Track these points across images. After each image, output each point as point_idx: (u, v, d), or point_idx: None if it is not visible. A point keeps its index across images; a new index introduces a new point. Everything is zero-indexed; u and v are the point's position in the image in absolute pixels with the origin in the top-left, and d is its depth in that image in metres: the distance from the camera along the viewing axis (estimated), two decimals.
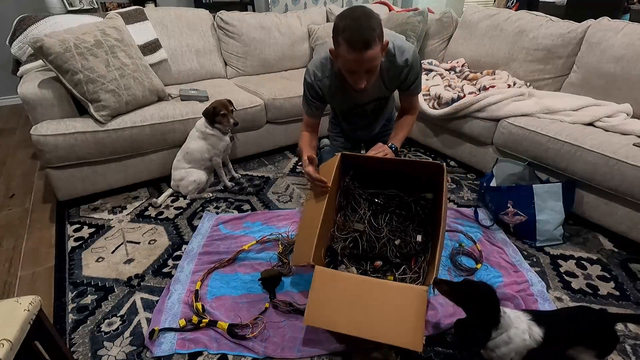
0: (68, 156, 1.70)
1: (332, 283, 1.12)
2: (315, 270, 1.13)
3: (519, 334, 0.94)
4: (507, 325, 0.96)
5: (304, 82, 1.48)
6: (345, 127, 1.79)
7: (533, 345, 0.93)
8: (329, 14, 2.94)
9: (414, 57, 1.42)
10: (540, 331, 0.93)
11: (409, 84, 1.48)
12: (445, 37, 2.75)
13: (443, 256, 1.50)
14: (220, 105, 1.83)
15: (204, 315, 1.22)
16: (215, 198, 1.94)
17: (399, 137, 1.59)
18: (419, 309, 1.02)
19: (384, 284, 1.12)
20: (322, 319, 1.08)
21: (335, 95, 1.49)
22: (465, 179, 2.14)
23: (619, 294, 1.36)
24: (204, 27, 2.48)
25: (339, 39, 1.20)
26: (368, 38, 1.16)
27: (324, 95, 1.48)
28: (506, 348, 0.95)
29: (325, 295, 1.10)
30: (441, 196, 1.34)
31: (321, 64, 1.43)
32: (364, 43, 1.16)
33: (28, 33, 1.93)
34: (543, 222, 1.57)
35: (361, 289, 1.09)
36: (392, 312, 1.04)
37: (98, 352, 1.13)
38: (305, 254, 1.19)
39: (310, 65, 1.46)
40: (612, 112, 1.73)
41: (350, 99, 1.52)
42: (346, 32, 1.17)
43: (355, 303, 1.07)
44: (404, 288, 1.10)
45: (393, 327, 1.02)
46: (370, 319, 1.04)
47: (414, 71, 1.45)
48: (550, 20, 2.18)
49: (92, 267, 1.47)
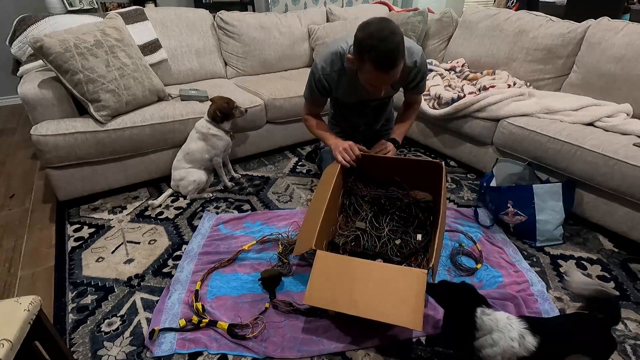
0: (68, 156, 1.70)
1: (333, 265, 1.13)
2: (317, 254, 1.14)
3: (505, 339, 0.94)
4: (489, 327, 0.96)
5: (311, 74, 1.49)
6: (345, 125, 1.79)
7: (524, 353, 0.92)
8: (329, 14, 2.94)
9: (422, 58, 1.44)
10: (534, 341, 0.92)
11: (416, 84, 1.51)
12: (445, 37, 2.75)
13: (443, 256, 1.50)
14: (230, 100, 1.88)
15: (204, 315, 1.22)
16: (215, 198, 1.94)
17: (401, 131, 1.62)
18: (419, 290, 1.03)
19: (384, 266, 1.14)
20: (322, 299, 1.09)
21: (342, 90, 1.50)
22: (465, 179, 2.14)
23: (619, 294, 1.36)
24: (204, 27, 2.48)
25: (365, 57, 1.19)
26: (396, 58, 1.17)
27: (331, 87, 1.48)
28: (491, 350, 0.95)
29: (326, 277, 1.11)
30: (440, 196, 1.35)
31: (331, 60, 1.43)
32: (391, 64, 1.17)
33: (28, 33, 1.92)
34: (543, 222, 1.57)
35: (362, 271, 1.11)
36: (392, 293, 1.05)
37: (98, 352, 1.13)
38: (308, 241, 1.21)
39: (319, 59, 1.45)
40: (612, 112, 1.73)
41: (356, 95, 1.53)
42: (373, 53, 1.16)
43: (356, 284, 1.08)
44: (404, 270, 1.12)
45: (393, 308, 1.03)
46: (371, 299, 1.05)
47: (422, 72, 1.48)
48: (550, 20, 2.18)
49: (92, 267, 1.47)
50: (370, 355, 1.13)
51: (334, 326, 1.20)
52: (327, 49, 1.46)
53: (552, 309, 1.27)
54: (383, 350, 1.14)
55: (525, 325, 0.96)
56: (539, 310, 1.27)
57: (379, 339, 1.16)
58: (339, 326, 1.20)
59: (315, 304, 1.11)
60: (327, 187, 1.40)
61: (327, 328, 1.19)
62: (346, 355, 1.13)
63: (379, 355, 1.12)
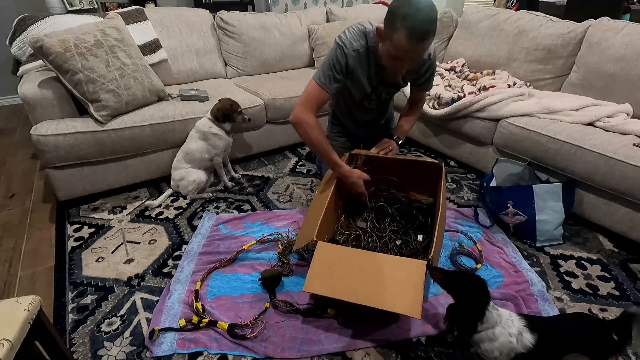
0: (68, 156, 1.70)
1: (333, 255, 1.14)
2: (318, 245, 1.15)
3: (505, 335, 0.95)
4: (494, 322, 0.96)
5: (334, 52, 1.38)
6: (347, 123, 1.79)
7: (521, 350, 0.93)
8: (329, 14, 2.94)
9: (435, 54, 1.46)
10: (531, 338, 0.93)
11: (426, 79, 1.51)
12: (445, 37, 2.75)
13: (443, 256, 1.50)
14: (235, 103, 1.88)
15: (204, 315, 1.22)
16: (215, 198, 1.94)
17: (404, 129, 1.63)
18: (418, 280, 1.04)
19: (384, 257, 1.14)
20: (322, 287, 1.09)
21: (362, 71, 1.44)
22: (465, 179, 2.14)
23: (619, 294, 1.36)
24: (204, 27, 2.48)
25: (398, 25, 1.15)
26: (429, 30, 1.14)
27: (352, 68, 1.41)
28: (489, 345, 0.96)
29: (326, 266, 1.11)
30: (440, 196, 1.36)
31: (357, 36, 1.37)
32: (424, 35, 1.14)
33: (28, 33, 1.92)
34: (543, 222, 1.57)
35: (362, 261, 1.11)
36: (391, 282, 1.05)
37: (98, 352, 1.13)
38: (309, 234, 1.21)
39: (343, 36, 1.39)
40: (612, 112, 1.73)
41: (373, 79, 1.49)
42: (407, 20, 1.13)
43: (356, 273, 1.09)
44: (403, 261, 1.12)
45: (392, 296, 1.03)
46: (370, 288, 1.06)
47: (433, 67, 1.49)
48: (550, 20, 2.18)
49: (92, 267, 1.47)
50: (371, 355, 1.12)
51: (334, 326, 1.20)
52: (351, 27, 1.40)
53: (552, 309, 1.27)
54: (383, 350, 1.14)
55: (525, 323, 0.97)
56: (539, 310, 1.27)
57: (379, 339, 1.16)
58: (339, 326, 1.20)
59: (314, 292, 1.10)
60: (329, 186, 1.40)
61: (327, 328, 1.19)
62: (346, 355, 1.13)
63: (379, 355, 1.12)
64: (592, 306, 1.29)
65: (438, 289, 1.33)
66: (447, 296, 1.29)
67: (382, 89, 1.55)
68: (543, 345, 0.94)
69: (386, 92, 1.59)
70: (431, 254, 1.11)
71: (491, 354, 0.96)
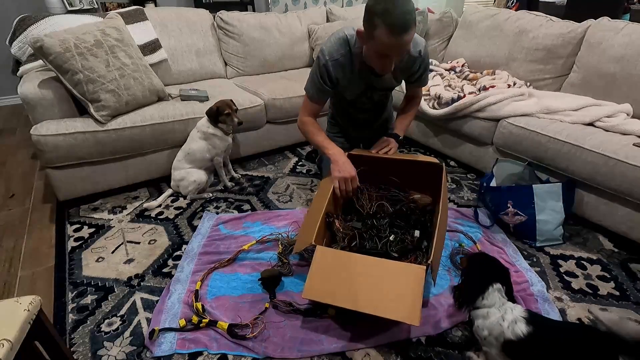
0: (68, 156, 1.70)
1: (332, 260, 1.14)
2: (317, 249, 1.15)
3: (498, 317, 0.98)
4: (493, 302, 1.00)
5: (316, 63, 1.43)
6: (345, 123, 1.79)
7: (510, 336, 0.95)
8: (329, 14, 2.94)
9: (426, 50, 1.45)
10: (525, 329, 0.94)
11: (419, 75, 1.51)
12: (445, 37, 2.75)
13: (443, 256, 1.50)
14: (224, 104, 1.84)
15: (204, 315, 1.22)
16: (215, 198, 1.94)
17: (402, 126, 1.63)
18: (417, 286, 1.04)
19: (383, 262, 1.14)
20: (321, 293, 1.09)
21: (347, 79, 1.46)
22: (465, 179, 2.14)
23: (619, 294, 1.36)
24: (204, 27, 2.48)
25: (376, 21, 1.16)
26: (408, 21, 1.14)
27: (336, 78, 1.44)
28: (482, 322, 1.00)
29: (325, 272, 1.11)
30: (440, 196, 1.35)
31: (337, 45, 1.39)
32: (404, 27, 1.14)
33: (28, 33, 1.92)
34: (543, 222, 1.57)
35: (361, 266, 1.11)
36: (390, 288, 1.06)
37: (98, 352, 1.13)
38: (307, 237, 1.21)
39: (324, 46, 1.41)
40: (612, 112, 1.73)
41: (360, 84, 1.51)
42: (385, 15, 1.14)
43: (355, 279, 1.09)
44: (402, 266, 1.12)
45: (391, 302, 1.04)
46: (369, 294, 1.06)
47: (425, 63, 1.48)
48: (550, 20, 2.18)
49: (92, 267, 1.47)
50: (370, 355, 1.12)
51: (334, 326, 1.20)
52: (332, 36, 1.43)
53: (552, 309, 1.27)
54: (383, 350, 1.14)
55: (525, 315, 0.98)
56: (539, 310, 1.26)
57: (379, 339, 1.16)
58: (339, 326, 1.20)
59: (313, 298, 1.11)
60: (328, 187, 1.40)
61: (327, 328, 1.19)
62: (346, 355, 1.13)
63: (379, 355, 1.12)
64: (592, 306, 1.30)
65: (438, 290, 1.34)
66: (448, 296, 1.31)
67: (372, 92, 1.56)
68: (536, 340, 0.93)
69: (378, 95, 1.60)
70: (431, 258, 1.11)
71: (481, 332, 1.00)
